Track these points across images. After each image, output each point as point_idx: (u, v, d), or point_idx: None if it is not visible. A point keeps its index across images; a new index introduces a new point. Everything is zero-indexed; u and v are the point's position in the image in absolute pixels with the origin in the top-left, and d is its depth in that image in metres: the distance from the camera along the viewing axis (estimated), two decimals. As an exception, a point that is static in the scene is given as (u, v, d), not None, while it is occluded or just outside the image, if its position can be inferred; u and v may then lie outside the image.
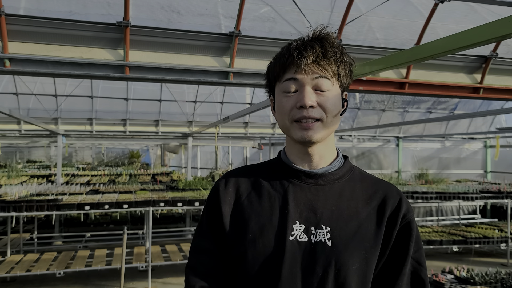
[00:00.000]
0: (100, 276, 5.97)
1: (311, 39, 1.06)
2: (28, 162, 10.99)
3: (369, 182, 1.12)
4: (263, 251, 0.99)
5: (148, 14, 3.69)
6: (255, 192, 1.08)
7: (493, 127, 10.39)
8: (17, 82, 7.74)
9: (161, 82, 4.12)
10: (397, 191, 1.10)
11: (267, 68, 1.12)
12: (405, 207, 1.06)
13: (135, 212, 8.10)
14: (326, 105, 1.02)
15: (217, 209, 1.08)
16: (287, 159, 1.11)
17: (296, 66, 1.01)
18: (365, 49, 4.33)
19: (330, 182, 1.07)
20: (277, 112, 1.08)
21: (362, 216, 1.03)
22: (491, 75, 4.73)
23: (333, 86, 1.04)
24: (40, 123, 6.82)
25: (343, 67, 1.07)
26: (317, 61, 1.01)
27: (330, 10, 4.17)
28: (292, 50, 1.03)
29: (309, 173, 1.07)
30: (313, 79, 1.01)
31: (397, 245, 1.04)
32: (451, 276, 5.76)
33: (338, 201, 1.05)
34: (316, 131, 1.02)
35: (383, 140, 10.39)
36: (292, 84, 1.02)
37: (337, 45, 1.06)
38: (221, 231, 1.07)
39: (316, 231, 1.01)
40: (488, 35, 2.09)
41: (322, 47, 1.02)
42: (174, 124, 9.05)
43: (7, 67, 3.32)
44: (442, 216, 10.05)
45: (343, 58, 1.06)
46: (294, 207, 1.03)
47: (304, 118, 1.01)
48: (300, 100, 1.01)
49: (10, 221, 6.12)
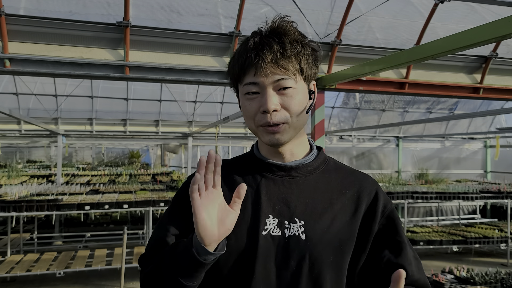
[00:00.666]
0: (100, 276, 5.97)
1: (269, 33, 0.99)
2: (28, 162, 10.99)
3: (344, 172, 1.10)
4: (236, 247, 0.97)
5: (148, 14, 3.69)
6: (227, 187, 1.04)
7: (493, 127, 10.39)
8: (17, 82, 7.74)
9: (161, 82, 4.13)
10: (372, 182, 1.09)
11: (228, 68, 1.07)
12: (383, 198, 1.06)
13: (135, 212, 8.11)
14: (290, 106, 0.98)
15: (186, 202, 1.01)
16: (259, 154, 1.10)
17: (255, 69, 0.96)
18: (365, 49, 4.33)
19: (303, 174, 1.05)
20: (243, 113, 1.05)
21: (337, 208, 1.02)
22: (491, 75, 4.73)
23: (297, 83, 0.99)
24: (40, 123, 6.82)
25: (306, 60, 1.00)
26: (276, 62, 0.95)
27: (330, 10, 4.17)
28: (249, 51, 0.97)
29: (281, 166, 1.05)
30: (273, 81, 0.96)
31: (387, 235, 1.03)
32: (451, 276, 5.77)
33: (312, 193, 1.03)
34: (283, 133, 1.00)
35: (383, 140, 10.39)
36: (253, 88, 0.98)
37: (296, 37, 0.99)
38: (191, 227, 1.00)
39: (290, 225, 0.99)
40: (488, 35, 2.09)
41: (280, 44, 0.96)
42: (174, 124, 9.05)
43: (7, 67, 3.33)
44: (442, 216, 10.05)
45: (305, 51, 1.00)
46: (267, 201, 1.01)
47: (268, 124, 0.98)
48: (262, 105, 0.97)
49: (10, 221, 6.12)
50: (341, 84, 4.05)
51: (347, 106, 9.94)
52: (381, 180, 8.83)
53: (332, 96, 9.35)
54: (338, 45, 4.13)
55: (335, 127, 10.07)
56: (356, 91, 4.72)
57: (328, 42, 4.14)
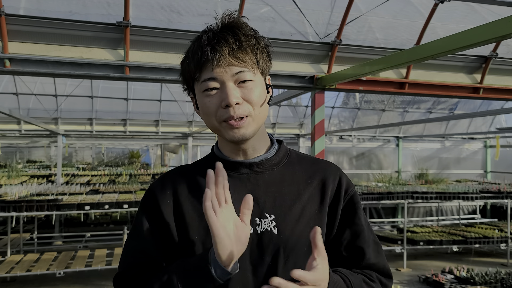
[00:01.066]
0: (100, 276, 5.97)
1: (221, 28, 0.98)
2: (28, 162, 10.98)
3: (307, 163, 1.11)
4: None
5: (148, 14, 3.69)
6: (194, 192, 1.03)
7: (493, 127, 10.40)
8: (17, 82, 7.74)
9: (161, 82, 4.13)
10: (335, 168, 1.11)
11: (181, 67, 1.05)
12: (345, 182, 1.08)
13: (135, 212, 8.09)
14: (252, 97, 0.97)
15: (157, 212, 1.02)
16: (221, 154, 1.08)
17: (212, 64, 0.95)
18: (365, 49, 4.33)
19: (268, 169, 1.05)
20: (202, 113, 1.02)
21: (305, 198, 1.03)
22: (491, 75, 4.73)
23: (255, 76, 0.99)
24: (40, 123, 6.82)
25: (261, 53, 1.00)
26: (233, 54, 0.95)
27: (330, 10, 4.17)
28: (204, 46, 0.96)
29: (246, 163, 1.04)
30: (233, 75, 0.95)
31: (347, 218, 1.06)
32: (451, 276, 5.77)
33: (279, 187, 1.03)
34: (247, 128, 0.98)
35: (383, 140, 10.39)
36: (212, 83, 0.96)
37: (249, 31, 0.99)
38: (162, 235, 1.01)
39: (261, 221, 0.99)
40: (488, 35, 2.09)
41: (235, 37, 0.96)
42: (174, 124, 9.05)
43: (7, 67, 3.32)
44: (442, 216, 10.05)
45: (259, 44, 1.00)
46: (235, 201, 0.97)
47: (231, 118, 0.96)
48: (224, 99, 0.95)
49: (10, 221, 6.12)
50: (341, 84, 4.05)
51: (347, 106, 9.95)
52: (381, 180, 8.84)
53: (332, 96, 9.35)
54: (338, 45, 4.13)
55: (335, 127, 10.07)
56: (356, 91, 4.72)
57: (328, 42, 4.14)
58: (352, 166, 10.34)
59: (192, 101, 1.08)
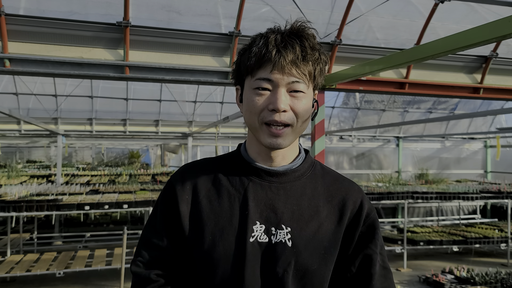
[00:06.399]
0: (100, 276, 5.96)
1: (289, 33, 0.98)
2: (28, 162, 10.97)
3: (330, 179, 1.10)
4: (224, 254, 0.97)
5: (148, 14, 3.69)
6: (214, 191, 1.03)
7: (493, 127, 10.39)
8: (17, 82, 7.73)
9: (161, 82, 4.12)
10: (358, 189, 1.09)
11: (238, 57, 1.04)
12: (367, 206, 1.06)
13: (135, 212, 8.09)
14: (299, 110, 0.98)
15: (174, 208, 1.03)
16: (247, 156, 1.07)
17: (273, 66, 0.95)
18: (365, 49, 4.33)
19: (291, 180, 1.04)
20: (245, 108, 1.02)
21: (323, 215, 1.02)
22: (491, 75, 4.73)
23: (308, 89, 1.00)
24: (40, 123, 6.82)
25: (320, 69, 1.01)
26: (295, 63, 0.95)
27: (330, 10, 4.17)
28: (270, 46, 0.95)
29: (270, 171, 1.03)
30: (288, 82, 0.96)
31: (363, 242, 1.04)
32: (451, 276, 5.76)
33: (299, 200, 1.02)
34: (285, 138, 0.98)
35: (383, 140, 10.39)
36: (265, 84, 0.96)
37: (316, 45, 1.00)
38: (178, 232, 1.02)
39: (277, 231, 0.99)
40: (488, 35, 2.08)
41: (302, 47, 0.96)
42: (174, 124, 9.05)
43: (7, 67, 3.32)
44: (442, 216, 10.05)
45: (321, 60, 1.00)
46: (254, 207, 1.00)
47: (275, 123, 0.96)
48: (273, 103, 0.95)
49: (10, 221, 6.12)
50: (341, 84, 4.04)
51: (347, 106, 9.94)
52: (381, 180, 8.83)
53: (332, 96, 9.35)
54: (338, 45, 4.13)
55: (335, 127, 10.07)
56: (356, 91, 4.72)
57: (328, 42, 4.14)
58: (352, 166, 10.33)
59: (237, 92, 1.07)
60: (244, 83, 1.02)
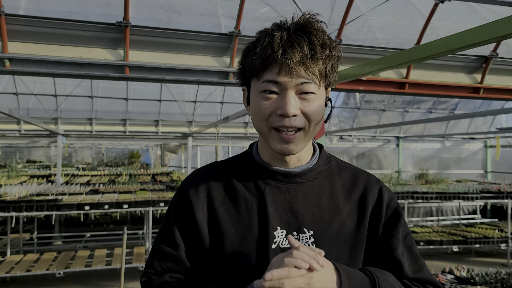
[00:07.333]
0: (100, 276, 5.96)
1: (296, 30, 0.90)
2: (28, 162, 10.98)
3: (347, 174, 1.05)
4: (246, 263, 0.93)
5: (148, 14, 3.69)
6: (229, 197, 0.98)
7: (493, 127, 10.39)
8: (17, 82, 7.73)
9: (161, 82, 4.12)
10: (376, 180, 1.06)
11: (243, 57, 0.97)
12: (386, 196, 1.02)
13: (135, 212, 8.10)
14: (311, 112, 0.91)
15: (191, 217, 0.98)
16: (260, 159, 1.02)
17: (280, 68, 0.87)
18: (365, 49, 4.33)
19: (308, 180, 0.99)
20: (253, 113, 0.95)
21: (344, 214, 0.98)
22: (491, 75, 4.73)
23: (319, 89, 0.92)
24: (40, 123, 6.82)
25: (331, 66, 0.93)
26: (304, 63, 0.87)
27: (330, 10, 4.17)
28: (275, 45, 0.87)
29: (286, 173, 0.98)
30: (297, 84, 0.88)
31: (387, 231, 1.00)
32: (451, 276, 5.76)
33: (318, 200, 0.98)
34: (297, 143, 0.92)
35: (383, 140, 10.39)
36: (272, 87, 0.89)
37: (326, 40, 0.91)
38: (195, 242, 0.98)
39: (299, 236, 0.94)
40: (488, 35, 2.08)
41: (310, 45, 0.88)
42: (174, 124, 9.05)
43: (7, 67, 3.32)
44: (442, 216, 10.05)
45: (332, 56, 0.92)
46: (274, 212, 0.95)
47: (285, 128, 0.90)
48: (281, 107, 0.88)
49: (10, 221, 6.12)
50: (341, 84, 4.04)
51: (347, 106, 9.94)
52: (381, 180, 8.82)
53: (332, 96, 9.30)
54: (338, 45, 4.12)
55: (335, 127, 10.06)
56: (356, 91, 4.71)
57: (328, 42, 4.13)
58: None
59: (244, 93, 1.01)
60: (250, 85, 0.96)
